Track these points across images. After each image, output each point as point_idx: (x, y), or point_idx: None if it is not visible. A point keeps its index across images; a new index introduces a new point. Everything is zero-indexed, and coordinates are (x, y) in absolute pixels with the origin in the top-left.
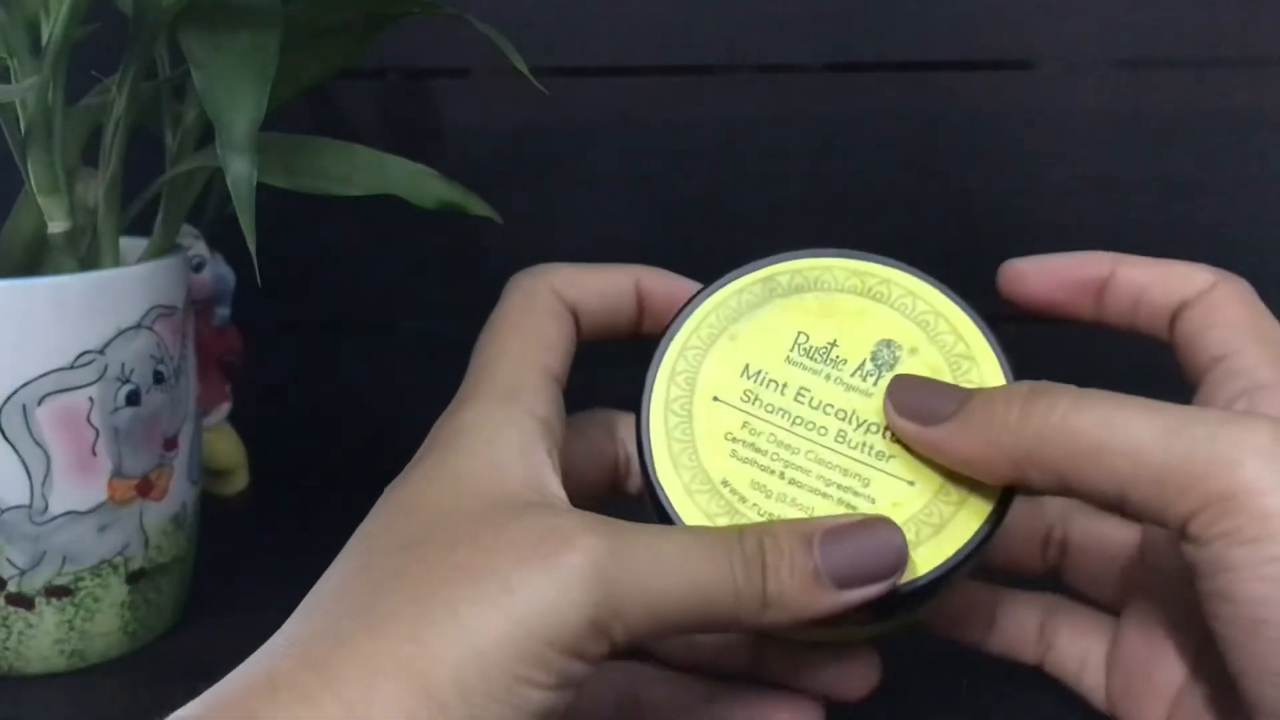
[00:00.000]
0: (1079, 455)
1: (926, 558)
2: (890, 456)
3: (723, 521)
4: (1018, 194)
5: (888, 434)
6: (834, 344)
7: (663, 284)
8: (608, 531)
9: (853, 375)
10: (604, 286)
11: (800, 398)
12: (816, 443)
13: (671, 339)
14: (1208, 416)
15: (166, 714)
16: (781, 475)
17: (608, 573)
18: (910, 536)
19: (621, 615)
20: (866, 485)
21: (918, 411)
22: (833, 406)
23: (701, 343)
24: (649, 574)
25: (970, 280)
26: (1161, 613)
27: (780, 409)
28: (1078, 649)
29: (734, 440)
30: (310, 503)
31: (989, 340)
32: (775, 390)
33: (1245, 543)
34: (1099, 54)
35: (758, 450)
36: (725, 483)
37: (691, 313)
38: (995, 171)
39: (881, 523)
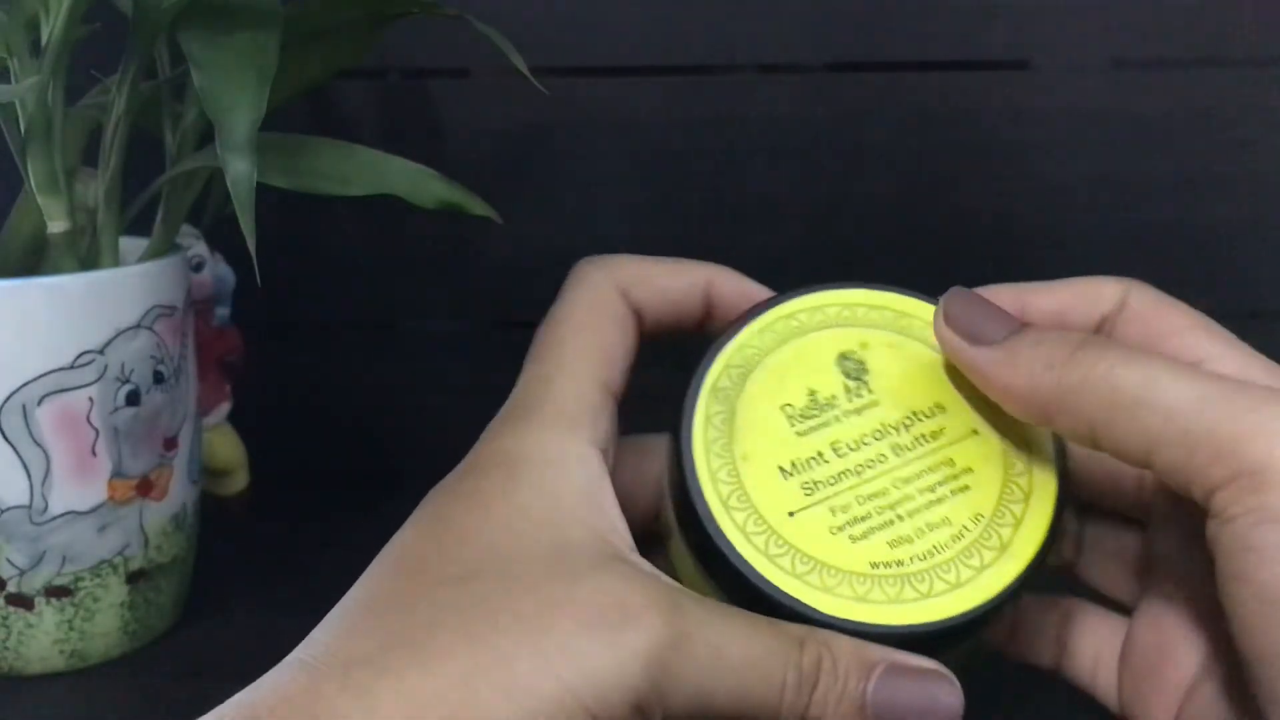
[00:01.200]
0: (1116, 408)
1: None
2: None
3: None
4: (1017, 194)
5: (921, 422)
6: (814, 392)
7: (736, 287)
8: (673, 615)
9: (849, 402)
10: (673, 287)
11: (837, 452)
12: (886, 472)
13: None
14: (1252, 390)
15: (166, 714)
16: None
17: (664, 660)
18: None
19: (666, 703)
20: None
21: (966, 328)
22: (866, 437)
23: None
24: (704, 672)
25: (970, 280)
26: (1172, 610)
27: (833, 477)
28: (1091, 649)
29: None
30: (310, 503)
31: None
32: (818, 466)
33: (1271, 522)
34: (1098, 54)
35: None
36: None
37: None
38: (994, 171)
39: (944, 681)
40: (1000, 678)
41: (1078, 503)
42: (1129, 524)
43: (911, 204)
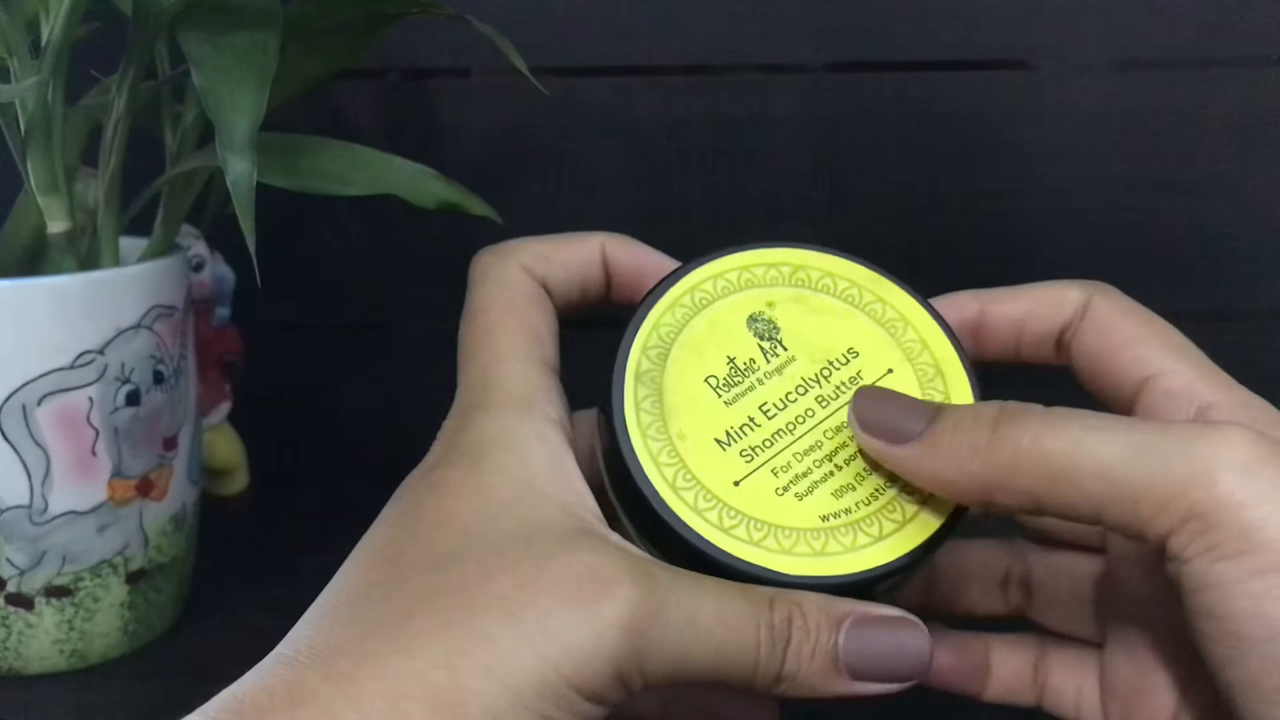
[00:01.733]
0: (1052, 478)
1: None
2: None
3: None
4: (1017, 194)
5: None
6: (732, 358)
7: (629, 253)
8: (646, 584)
9: (767, 363)
10: (571, 258)
11: (766, 414)
12: (816, 425)
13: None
14: (1179, 431)
15: (166, 714)
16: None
17: (641, 629)
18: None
19: (645, 670)
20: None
21: (883, 428)
22: (790, 394)
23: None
24: (679, 637)
25: (970, 280)
26: (1143, 637)
27: (767, 439)
28: (1071, 684)
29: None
30: (310, 503)
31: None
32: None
33: (1226, 558)
34: (1098, 54)
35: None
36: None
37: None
38: (995, 171)
39: (911, 626)
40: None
41: (1031, 539)
42: (1076, 559)
43: (911, 204)
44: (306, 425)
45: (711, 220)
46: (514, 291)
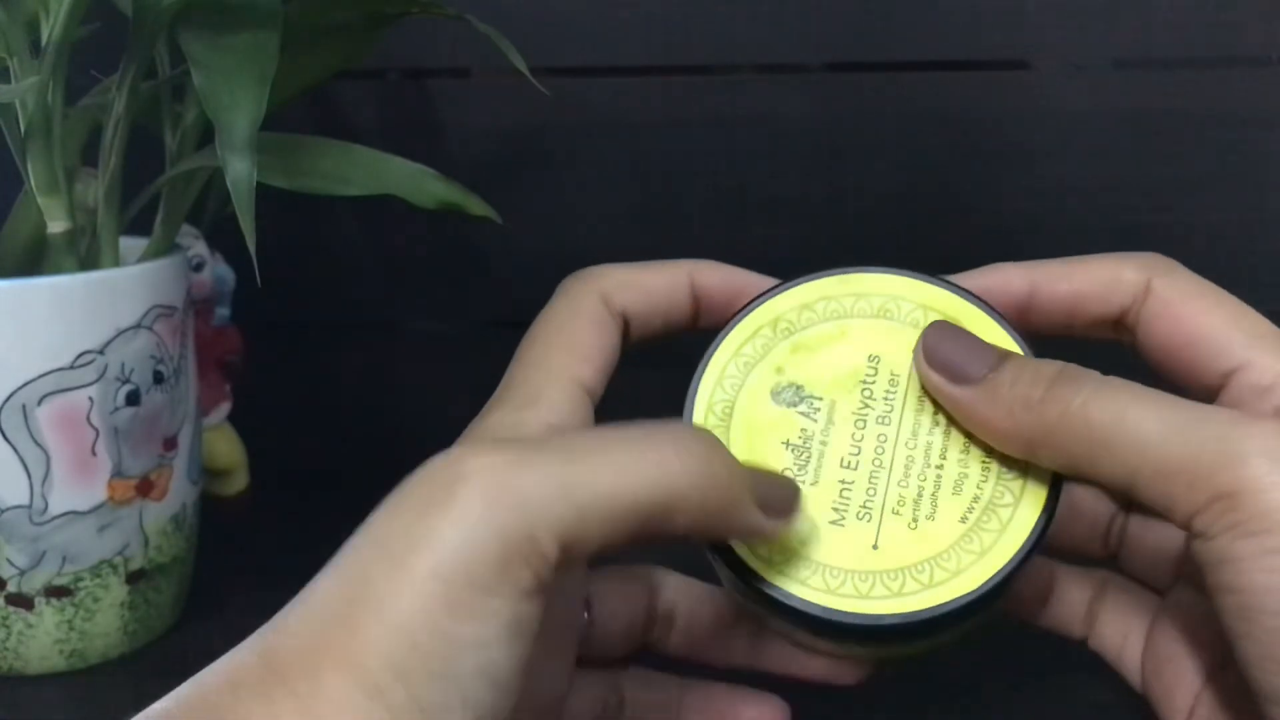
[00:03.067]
0: (1091, 444)
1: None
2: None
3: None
4: (1017, 194)
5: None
6: (786, 441)
7: (719, 277)
8: (502, 445)
9: (814, 423)
10: (655, 287)
11: (849, 466)
12: (894, 443)
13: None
14: (1219, 416)
15: None
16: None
17: (508, 486)
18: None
19: (543, 523)
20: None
21: (947, 366)
22: (855, 433)
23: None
24: (557, 474)
25: None
26: (1197, 604)
27: (869, 485)
28: (1120, 627)
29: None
30: (310, 503)
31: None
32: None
33: (1248, 536)
34: (1098, 54)
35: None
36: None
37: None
38: (995, 171)
39: (788, 480)
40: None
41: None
42: (1166, 525)
43: (911, 204)
44: (306, 425)
45: (711, 221)
46: (576, 312)
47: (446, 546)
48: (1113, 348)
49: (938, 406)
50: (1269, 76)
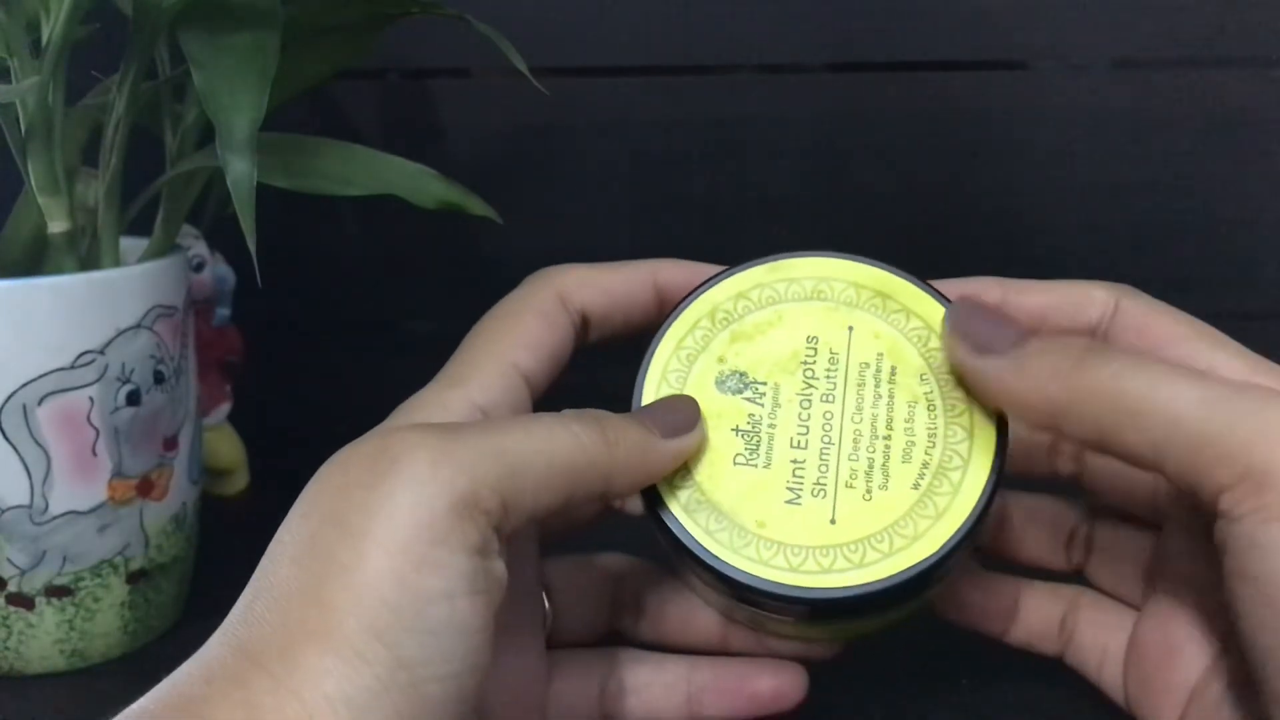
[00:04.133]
0: (1121, 414)
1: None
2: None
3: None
4: (1017, 194)
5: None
6: (736, 428)
7: (681, 273)
8: (431, 423)
9: (761, 407)
10: (615, 285)
11: (799, 445)
12: (839, 416)
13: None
14: (1255, 392)
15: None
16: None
17: (446, 452)
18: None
19: (483, 484)
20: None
21: (974, 337)
22: (801, 411)
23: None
24: (487, 442)
25: None
26: (1181, 611)
27: (821, 461)
28: (1098, 642)
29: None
30: None
31: None
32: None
33: (1275, 520)
34: (1098, 54)
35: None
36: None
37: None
38: (995, 171)
39: (682, 398)
40: (980, 670)
41: (1093, 509)
42: (1139, 528)
43: (911, 204)
44: (306, 425)
45: (711, 221)
46: (526, 305)
47: (401, 509)
48: None
49: (878, 380)
50: (1269, 76)
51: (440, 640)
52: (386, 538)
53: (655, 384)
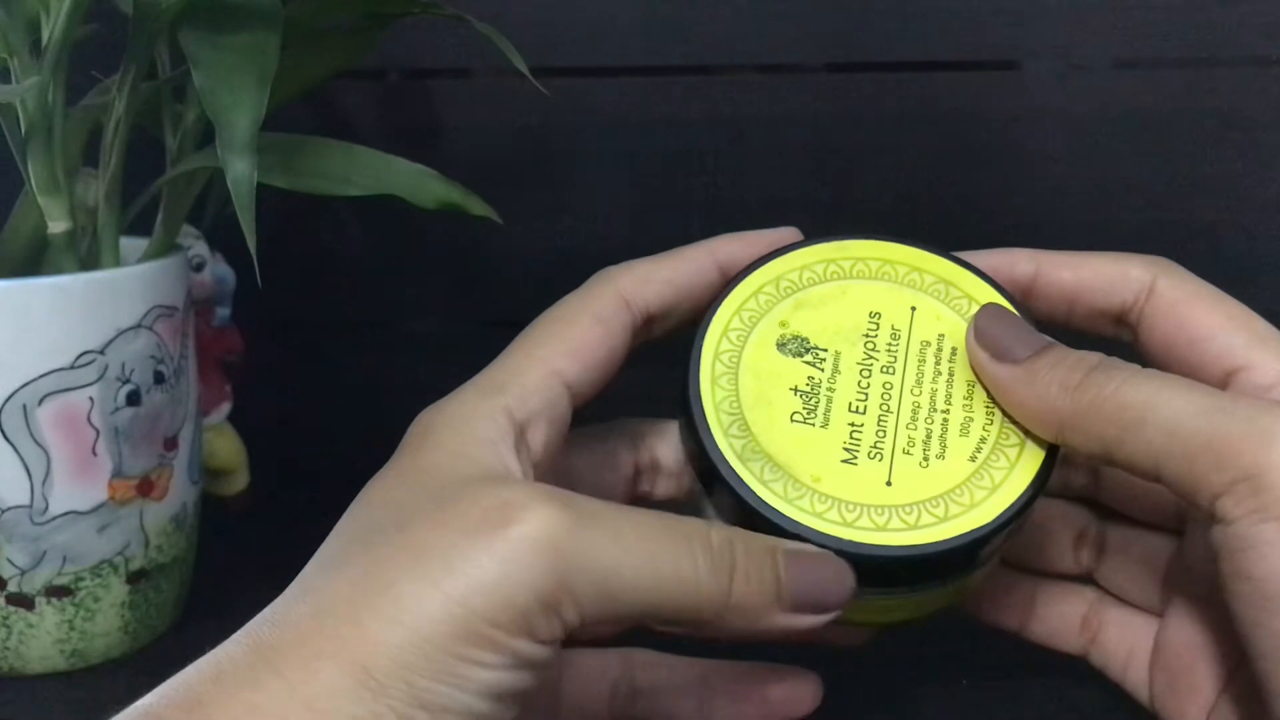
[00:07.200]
0: (1122, 427)
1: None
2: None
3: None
4: (1016, 194)
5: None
6: (794, 387)
7: (738, 246)
8: (563, 503)
9: (821, 372)
10: (679, 276)
11: (856, 410)
12: (899, 390)
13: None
14: (1249, 402)
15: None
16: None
17: (559, 547)
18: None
19: (574, 594)
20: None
21: (994, 344)
22: (861, 380)
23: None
24: (605, 552)
25: None
26: (1203, 618)
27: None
28: (1124, 644)
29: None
30: (310, 503)
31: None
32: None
33: (1270, 520)
34: (1097, 54)
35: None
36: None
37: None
38: (994, 171)
39: (835, 560)
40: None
41: (1101, 513)
42: (1154, 531)
43: (910, 204)
44: (306, 425)
45: (711, 221)
46: (583, 308)
47: (486, 580)
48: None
49: (939, 358)
50: (1268, 76)
51: (470, 699)
52: (457, 600)
53: (715, 341)
